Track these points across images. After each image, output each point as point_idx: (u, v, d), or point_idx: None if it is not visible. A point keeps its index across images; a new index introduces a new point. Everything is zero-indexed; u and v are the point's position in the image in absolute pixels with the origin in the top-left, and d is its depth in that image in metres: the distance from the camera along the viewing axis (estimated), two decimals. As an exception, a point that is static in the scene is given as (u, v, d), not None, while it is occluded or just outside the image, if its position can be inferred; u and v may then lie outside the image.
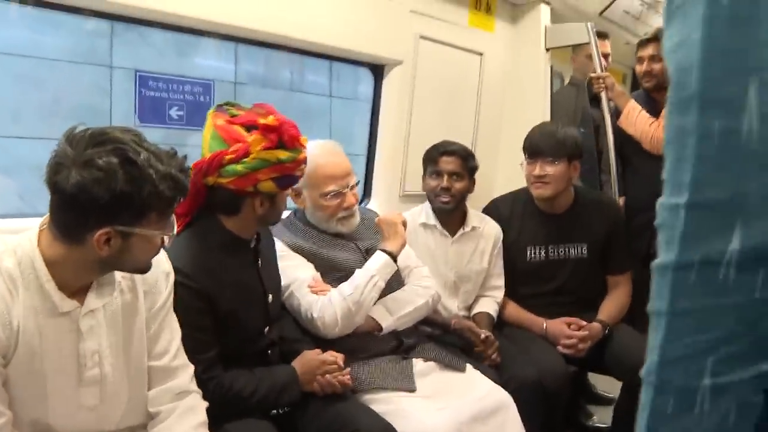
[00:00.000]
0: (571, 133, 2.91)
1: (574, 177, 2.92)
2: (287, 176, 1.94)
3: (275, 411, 2.04)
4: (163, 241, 1.51)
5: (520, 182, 3.07)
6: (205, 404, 1.72)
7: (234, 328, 1.99)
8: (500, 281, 2.97)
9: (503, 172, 3.18)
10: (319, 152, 2.34)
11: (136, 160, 1.35)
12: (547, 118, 3.56)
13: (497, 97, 3.67)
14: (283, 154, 1.88)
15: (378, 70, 3.20)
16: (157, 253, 1.53)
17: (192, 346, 1.79)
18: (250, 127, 1.89)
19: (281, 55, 3.32)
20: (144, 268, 1.55)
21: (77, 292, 1.49)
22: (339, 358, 2.12)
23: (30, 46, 2.48)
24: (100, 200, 1.33)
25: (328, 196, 2.35)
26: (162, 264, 1.68)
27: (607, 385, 3.64)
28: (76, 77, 2.60)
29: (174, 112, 2.75)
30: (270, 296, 2.13)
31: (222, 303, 1.93)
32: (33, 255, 1.42)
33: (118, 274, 1.58)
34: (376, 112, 3.26)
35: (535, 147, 2.85)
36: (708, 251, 0.71)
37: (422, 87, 3.26)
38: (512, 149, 3.13)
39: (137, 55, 2.76)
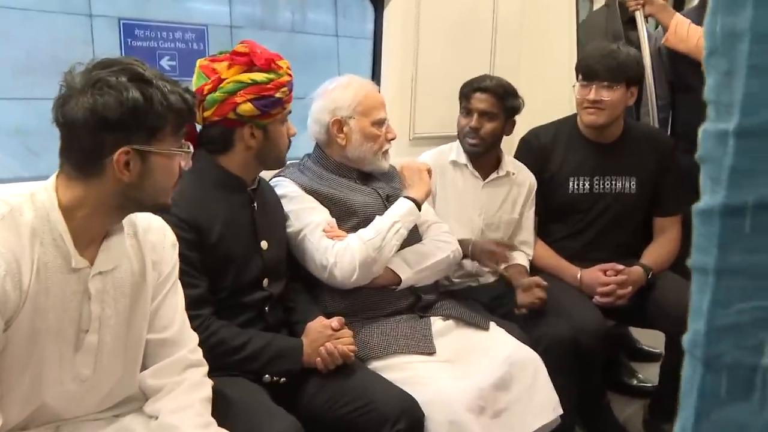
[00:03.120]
0: (633, 53, 2.76)
1: (630, 103, 2.79)
2: (266, 97, 1.99)
3: (268, 378, 2.00)
4: (180, 168, 1.54)
5: (542, 121, 2.96)
6: (211, 382, 1.70)
7: (225, 269, 1.99)
8: (531, 237, 2.88)
9: (523, 108, 3.07)
10: (363, 82, 2.43)
11: (144, 74, 1.42)
12: (574, 48, 3.36)
13: (515, 25, 3.48)
14: (258, 76, 1.98)
15: (378, 0, 3.06)
16: (176, 180, 1.55)
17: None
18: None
19: (279, -7, 3.26)
20: (165, 201, 1.56)
21: (88, 249, 1.49)
22: (336, 320, 2.08)
23: (-4, -6, 2.41)
24: (112, 117, 1.37)
25: (379, 124, 2.38)
26: (169, 235, 1.70)
27: (653, 340, 3.51)
28: (51, 28, 2.53)
29: (165, 63, 2.70)
30: (264, 243, 2.10)
31: (211, 235, 1.95)
32: (49, 205, 1.42)
33: (128, 240, 1.58)
34: (379, 49, 3.13)
35: (591, 69, 2.71)
36: (766, 191, 0.58)
37: (428, 17, 3.10)
38: (533, 84, 3.01)
39: (119, 1, 2.68)
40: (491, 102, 2.66)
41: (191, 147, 1.57)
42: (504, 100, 2.67)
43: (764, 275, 0.59)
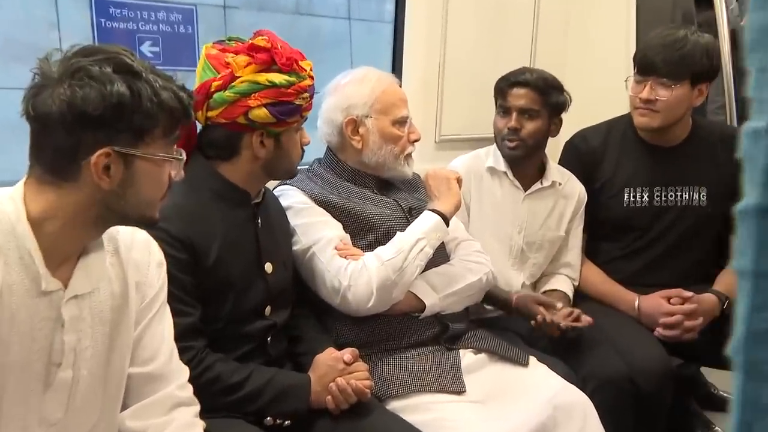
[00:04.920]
0: (705, 42, 2.58)
1: (697, 104, 2.66)
2: (284, 103, 1.96)
3: (271, 420, 1.96)
4: (170, 177, 1.52)
5: (591, 121, 2.90)
6: (203, 423, 1.70)
7: (224, 295, 1.97)
8: (577, 259, 2.84)
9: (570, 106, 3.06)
10: (381, 75, 2.41)
11: (133, 65, 1.40)
12: (632, 33, 3.29)
13: (560, 9, 3.48)
14: (277, 78, 1.94)
15: (400, -21, 3.11)
16: (165, 191, 1.53)
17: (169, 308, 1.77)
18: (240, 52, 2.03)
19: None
20: (151, 215, 1.53)
21: (61, 269, 1.46)
22: (349, 352, 2.05)
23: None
24: (94, 112, 1.35)
25: (400, 123, 2.37)
26: (155, 253, 1.69)
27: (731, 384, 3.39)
28: (6, 7, 2.40)
29: (147, 48, 2.65)
30: (269, 266, 2.08)
31: (208, 256, 1.93)
32: (15, 217, 1.39)
33: (108, 258, 1.56)
34: (400, 36, 3.12)
35: (649, 61, 2.58)
36: None
37: (459, -1, 3.14)
38: (581, 78, 3.03)
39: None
40: (532, 98, 2.61)
41: (184, 154, 1.53)
42: (546, 95, 2.62)
43: None
